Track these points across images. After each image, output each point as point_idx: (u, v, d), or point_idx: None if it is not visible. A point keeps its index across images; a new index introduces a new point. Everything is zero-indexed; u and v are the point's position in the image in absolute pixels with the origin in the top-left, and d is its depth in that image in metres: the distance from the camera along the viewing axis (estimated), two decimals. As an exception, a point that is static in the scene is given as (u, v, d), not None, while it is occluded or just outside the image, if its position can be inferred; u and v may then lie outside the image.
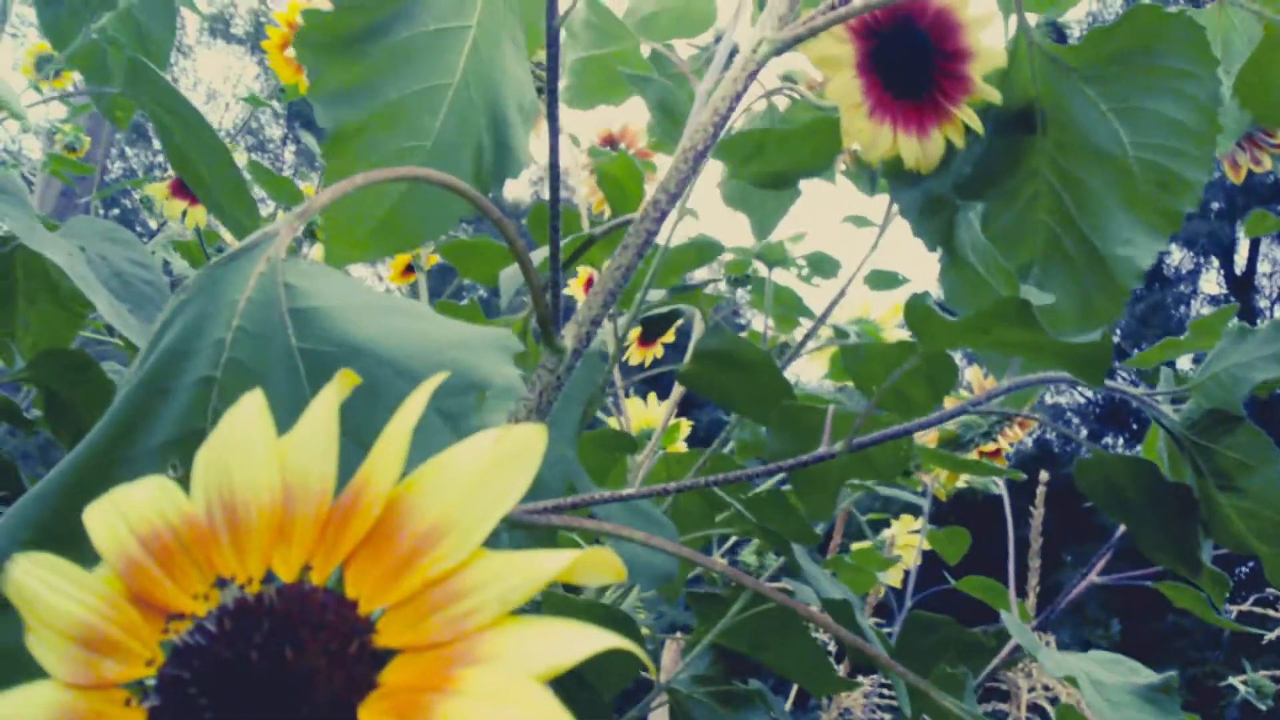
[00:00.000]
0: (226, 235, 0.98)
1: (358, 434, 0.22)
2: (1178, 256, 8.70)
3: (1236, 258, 8.27)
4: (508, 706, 0.14)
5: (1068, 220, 0.46)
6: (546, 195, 0.43)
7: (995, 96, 0.43)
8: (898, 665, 0.48)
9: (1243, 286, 8.45)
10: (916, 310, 0.47)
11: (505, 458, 0.16)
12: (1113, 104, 0.47)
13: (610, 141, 0.81)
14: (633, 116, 0.80)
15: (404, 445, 0.17)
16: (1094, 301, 0.45)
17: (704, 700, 0.83)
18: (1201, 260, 8.55)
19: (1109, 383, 0.55)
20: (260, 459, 0.18)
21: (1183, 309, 8.07)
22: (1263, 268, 8.73)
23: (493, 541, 0.22)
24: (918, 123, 0.44)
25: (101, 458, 0.23)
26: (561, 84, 0.61)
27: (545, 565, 0.16)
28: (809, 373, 0.90)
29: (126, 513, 0.18)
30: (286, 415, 0.22)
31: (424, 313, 0.25)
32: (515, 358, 0.24)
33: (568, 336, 0.42)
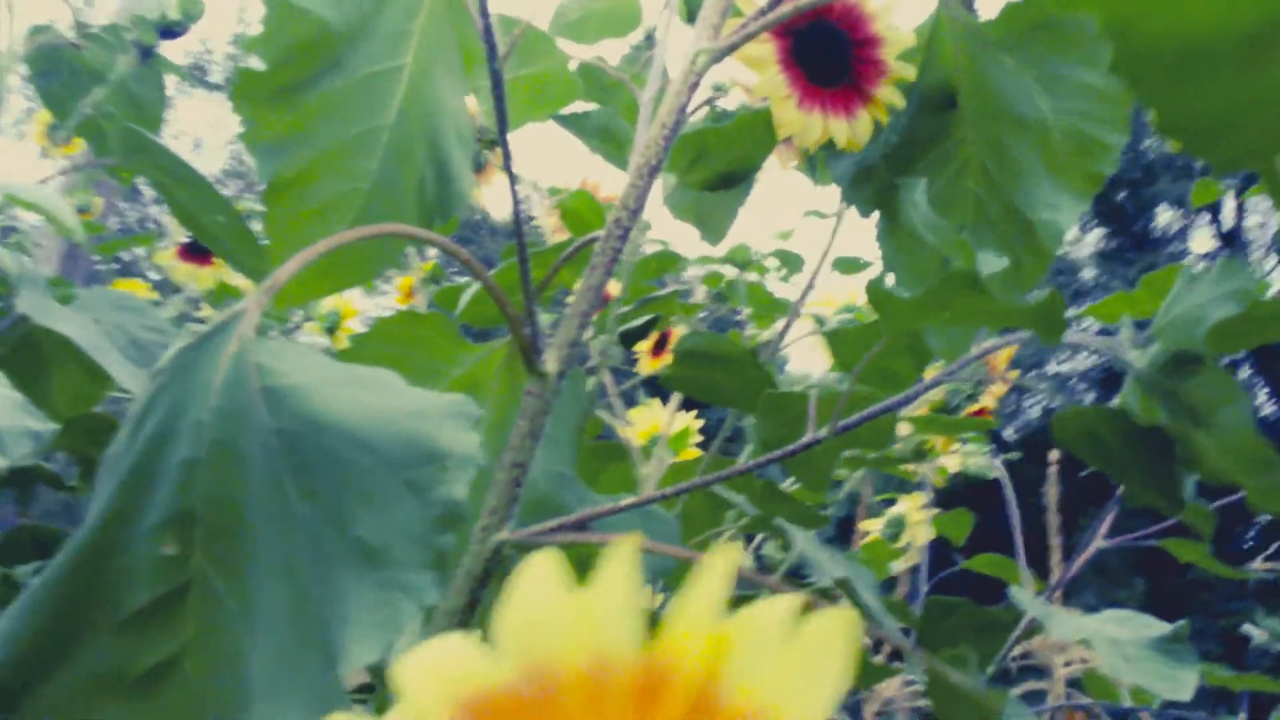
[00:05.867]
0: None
1: (329, 511, 0.23)
2: (1167, 217, 8.69)
3: (1223, 214, 8.25)
4: None
5: (994, 187, 0.48)
6: (532, 211, 0.45)
7: (910, 74, 0.46)
8: (905, 643, 0.50)
9: (1231, 241, 8.42)
10: (876, 294, 0.49)
11: (824, 646, 0.15)
12: (1033, 72, 0.49)
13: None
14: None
15: (713, 622, 0.16)
16: (1022, 264, 0.48)
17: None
18: (1190, 219, 8.54)
19: (1072, 336, 0.58)
20: (571, 621, 0.16)
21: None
22: (1251, 220, 8.71)
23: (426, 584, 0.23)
24: (844, 106, 0.47)
25: (100, 544, 0.24)
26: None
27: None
28: (817, 366, 0.92)
29: (445, 675, 0.17)
30: (268, 493, 0.24)
31: (389, 382, 0.26)
32: (472, 425, 0.24)
33: (550, 360, 0.44)
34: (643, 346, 0.93)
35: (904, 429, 0.79)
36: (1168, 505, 0.61)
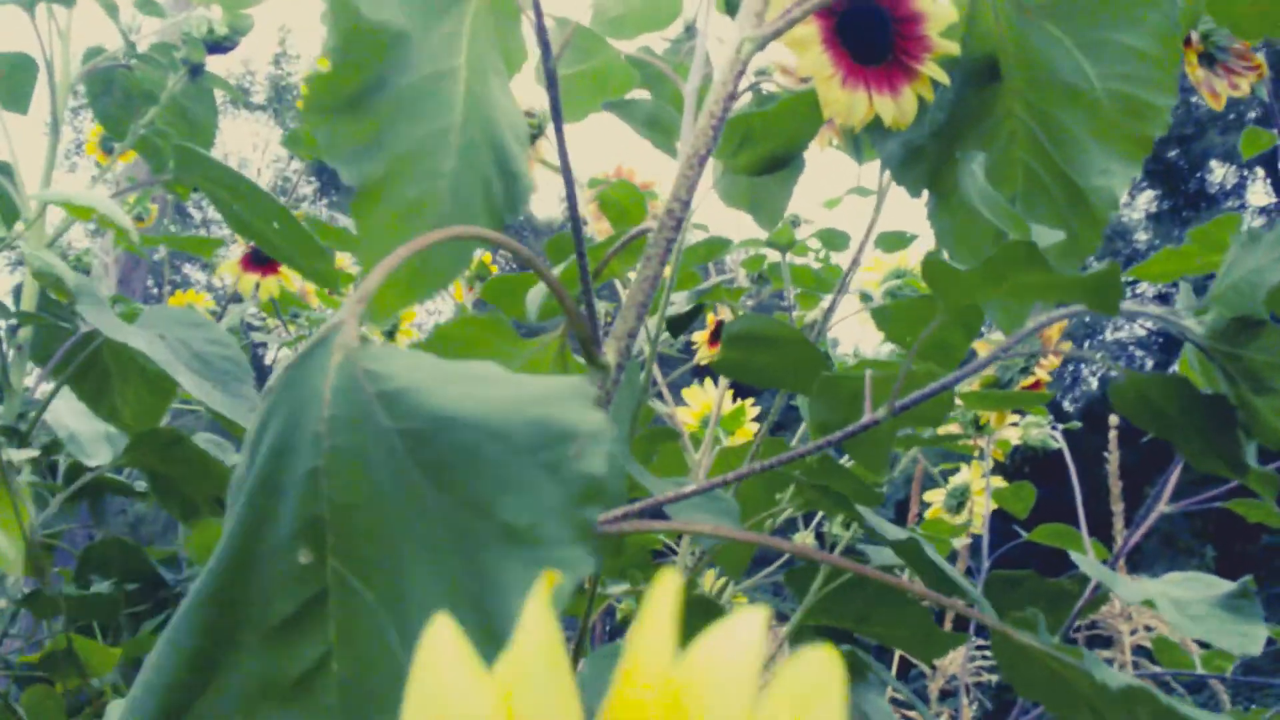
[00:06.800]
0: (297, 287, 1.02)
1: (469, 500, 0.24)
2: (1221, 173, 8.41)
3: (1281, 164, 7.98)
4: None
5: (1044, 156, 0.48)
6: (569, 200, 0.45)
7: (954, 50, 0.46)
8: (973, 610, 0.50)
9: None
10: (934, 269, 0.49)
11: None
12: (1076, 39, 0.49)
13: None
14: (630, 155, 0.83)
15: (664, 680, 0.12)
16: (1076, 232, 0.47)
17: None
18: (1246, 173, 8.27)
19: (1128, 305, 0.57)
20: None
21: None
22: (1309, 169, 8.40)
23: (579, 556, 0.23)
24: (889, 84, 0.47)
25: (238, 561, 0.25)
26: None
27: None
28: (867, 340, 0.92)
29: None
30: (398, 491, 0.24)
31: (495, 375, 0.27)
32: (594, 402, 0.25)
33: (609, 352, 0.45)
34: (699, 336, 0.94)
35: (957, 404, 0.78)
36: (1230, 470, 0.60)
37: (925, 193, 0.51)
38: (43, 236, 0.63)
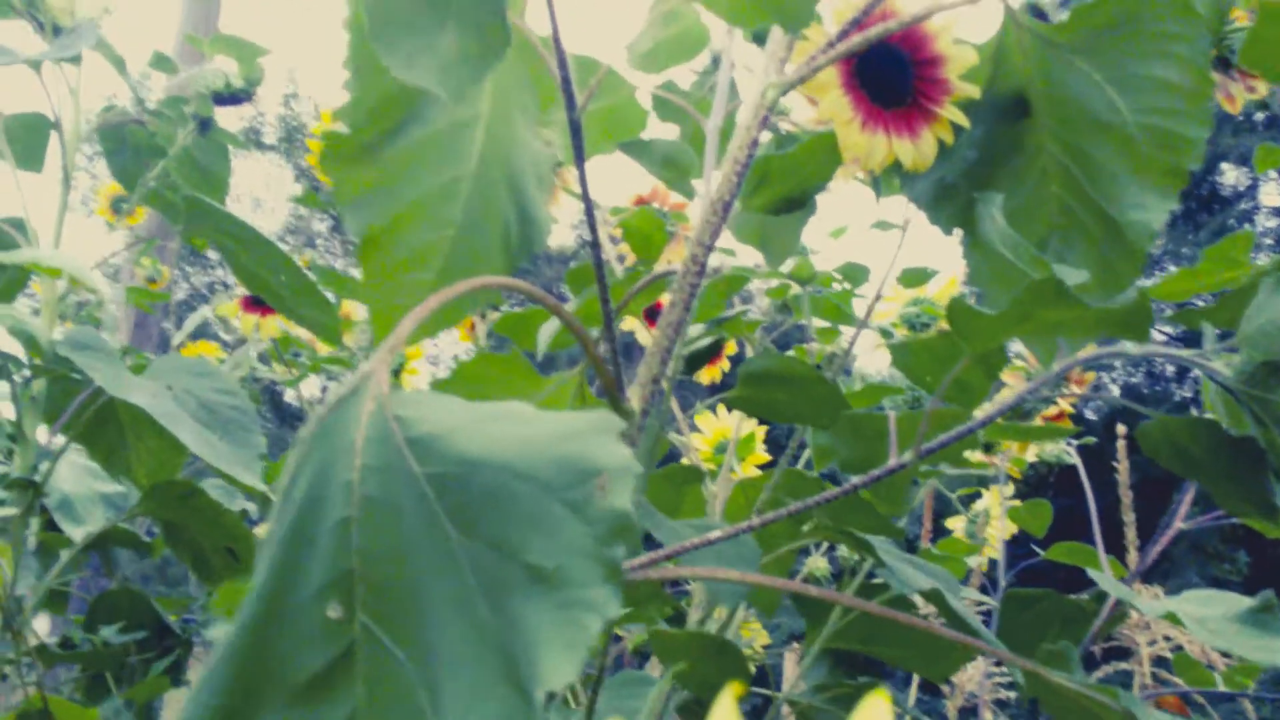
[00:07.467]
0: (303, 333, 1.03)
1: (495, 544, 0.24)
2: (1233, 175, 8.41)
3: (1294, 167, 7.95)
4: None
5: (1079, 191, 0.47)
6: (588, 237, 0.45)
7: (974, 93, 0.45)
8: (1005, 651, 0.49)
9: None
10: (959, 312, 0.48)
11: None
12: (1106, 73, 0.48)
13: (643, 204, 0.84)
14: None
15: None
16: (1114, 266, 0.47)
17: (826, 707, 0.84)
18: (1258, 176, 8.26)
19: (1158, 347, 0.56)
20: None
21: (1247, 227, 7.79)
22: (1323, 169, 8.38)
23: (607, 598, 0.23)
24: (908, 127, 0.47)
25: (266, 614, 0.25)
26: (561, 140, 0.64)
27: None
28: (874, 364, 0.91)
29: None
30: (427, 538, 0.24)
31: (523, 413, 0.27)
32: (619, 436, 0.25)
33: (633, 399, 0.45)
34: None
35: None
36: (1259, 513, 0.59)
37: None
38: (54, 290, 0.63)
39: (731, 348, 0.87)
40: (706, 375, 0.94)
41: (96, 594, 0.75)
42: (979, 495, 1.08)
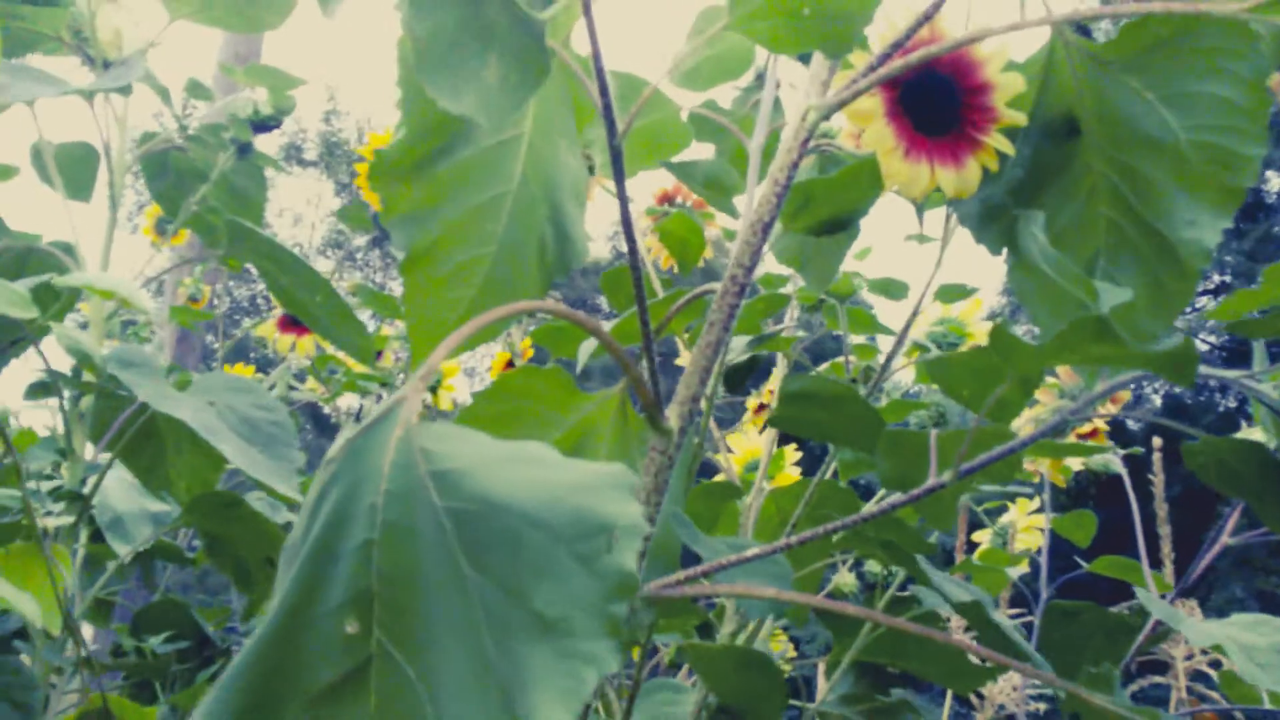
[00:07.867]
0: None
1: (505, 584, 0.24)
2: (1277, 183, 8.22)
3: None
4: None
5: (1129, 210, 0.46)
6: (623, 247, 0.45)
7: (1021, 120, 0.44)
8: (1042, 671, 0.48)
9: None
10: (1002, 339, 0.47)
11: None
12: (1157, 91, 0.47)
13: (668, 199, 0.84)
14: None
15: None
16: (1166, 285, 0.46)
17: (855, 719, 0.84)
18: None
19: (1205, 369, 0.55)
20: None
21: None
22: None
23: (605, 652, 0.24)
24: (952, 155, 0.46)
25: (289, 624, 0.26)
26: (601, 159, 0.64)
27: None
28: (902, 379, 0.91)
29: None
30: (443, 569, 0.25)
31: (545, 457, 0.27)
32: (632, 493, 0.26)
33: (672, 417, 0.45)
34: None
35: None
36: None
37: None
38: (101, 310, 0.64)
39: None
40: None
41: (140, 605, 0.77)
42: (1005, 509, 1.07)
